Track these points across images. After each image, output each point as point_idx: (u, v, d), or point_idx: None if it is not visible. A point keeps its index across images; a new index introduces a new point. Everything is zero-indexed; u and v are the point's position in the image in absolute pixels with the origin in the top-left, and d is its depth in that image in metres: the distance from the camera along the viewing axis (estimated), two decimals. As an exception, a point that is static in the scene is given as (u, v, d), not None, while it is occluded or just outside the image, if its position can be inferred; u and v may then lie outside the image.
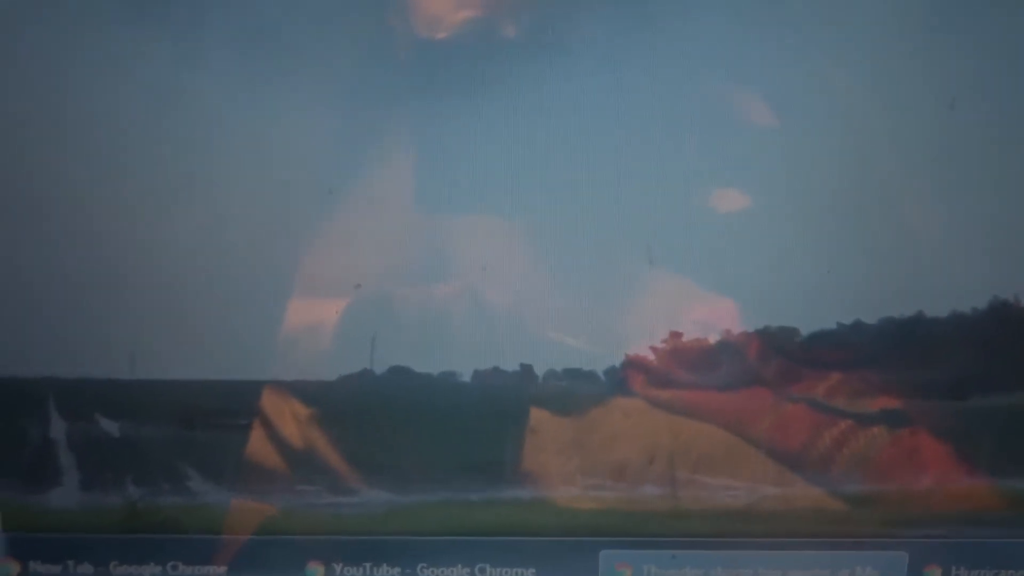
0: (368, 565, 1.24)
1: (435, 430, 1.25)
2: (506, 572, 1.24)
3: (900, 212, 1.27)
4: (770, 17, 1.22)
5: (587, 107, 1.23)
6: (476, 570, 1.23)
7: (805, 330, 1.28)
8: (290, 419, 1.24)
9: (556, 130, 1.23)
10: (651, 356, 1.27)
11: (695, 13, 1.20)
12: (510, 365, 1.25)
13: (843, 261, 1.25)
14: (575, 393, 1.26)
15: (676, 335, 1.27)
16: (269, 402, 1.24)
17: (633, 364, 1.27)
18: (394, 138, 1.23)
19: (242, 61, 1.20)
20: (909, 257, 1.28)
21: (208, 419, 1.24)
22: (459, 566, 1.24)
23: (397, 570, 1.23)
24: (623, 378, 1.26)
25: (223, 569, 1.23)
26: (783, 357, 1.27)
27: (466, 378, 1.24)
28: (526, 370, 1.25)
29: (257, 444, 1.24)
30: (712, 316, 1.27)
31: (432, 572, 1.24)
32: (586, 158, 1.24)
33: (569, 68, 1.20)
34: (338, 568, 1.23)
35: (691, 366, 1.26)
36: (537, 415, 1.25)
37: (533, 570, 1.23)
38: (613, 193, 1.26)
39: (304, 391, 1.24)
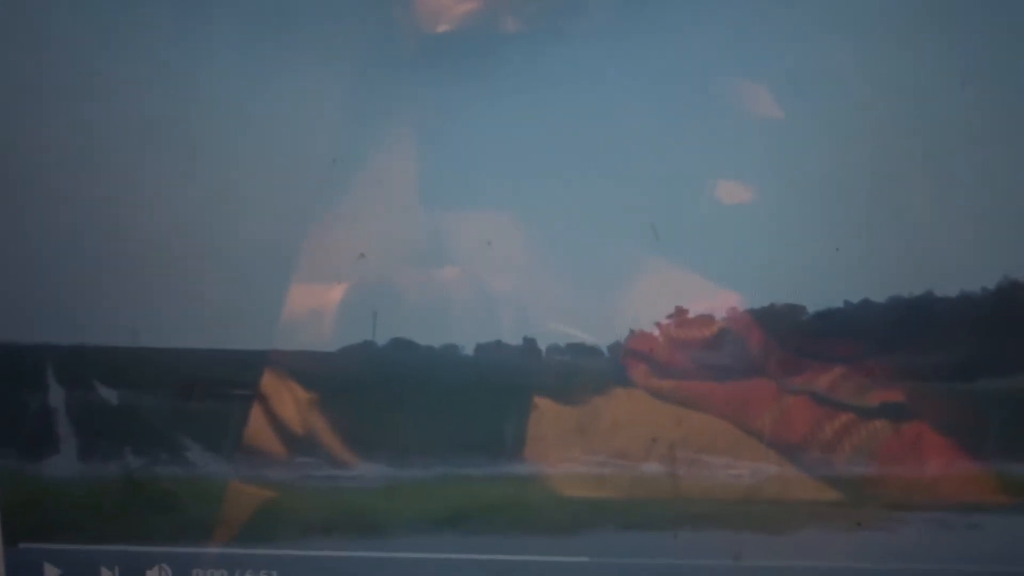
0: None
1: (436, 404, 1.24)
2: None
3: (910, 190, 1.26)
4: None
5: (593, 86, 1.22)
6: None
7: (812, 308, 1.27)
8: (290, 390, 1.23)
9: (562, 108, 1.22)
10: (656, 332, 1.26)
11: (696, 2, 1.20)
12: (513, 339, 1.24)
13: (851, 239, 1.24)
14: (579, 367, 1.25)
15: (682, 311, 1.26)
16: (269, 373, 1.23)
17: (638, 340, 1.26)
18: (401, 112, 1.22)
19: (248, 34, 1.20)
20: (918, 236, 1.26)
21: (207, 389, 1.24)
22: None
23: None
24: (628, 353, 1.24)
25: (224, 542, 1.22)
26: (789, 335, 1.26)
27: (468, 351, 1.23)
28: (529, 344, 1.24)
29: (256, 415, 1.23)
30: (718, 294, 1.26)
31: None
32: (592, 135, 1.24)
33: (575, 50, 1.19)
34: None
35: (696, 343, 1.25)
36: (540, 390, 1.24)
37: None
38: (619, 168, 1.25)
39: (305, 362, 1.23)
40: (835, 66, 1.21)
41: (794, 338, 1.28)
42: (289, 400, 1.25)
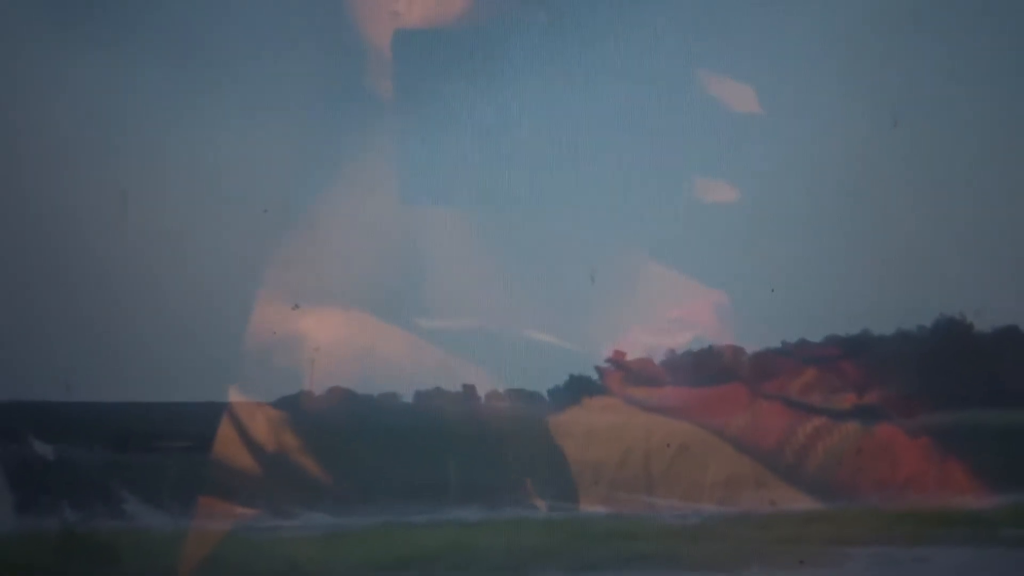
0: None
1: (376, 451, 1.24)
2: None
3: (845, 230, 1.28)
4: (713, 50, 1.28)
5: (520, 141, 1.27)
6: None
7: (750, 348, 1.28)
8: (227, 441, 1.24)
9: (488, 156, 1.26)
10: (595, 376, 1.27)
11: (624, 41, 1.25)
12: (452, 386, 1.25)
13: (787, 280, 1.26)
14: (518, 414, 1.25)
15: (620, 353, 1.27)
16: (207, 424, 1.24)
17: (578, 383, 1.27)
18: (334, 158, 1.27)
19: (180, 82, 1.25)
20: (854, 276, 1.28)
21: (144, 442, 1.24)
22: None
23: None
24: (568, 397, 1.25)
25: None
26: (728, 376, 1.27)
27: (408, 399, 1.24)
28: (468, 391, 1.25)
29: (194, 466, 1.23)
30: (656, 336, 1.27)
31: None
32: (531, 188, 1.27)
33: (508, 95, 1.24)
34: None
35: (636, 384, 1.26)
36: (479, 436, 1.24)
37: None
38: (558, 219, 1.29)
39: (242, 413, 1.24)
40: (766, 110, 1.25)
41: (734, 378, 1.28)
42: (228, 451, 1.25)
